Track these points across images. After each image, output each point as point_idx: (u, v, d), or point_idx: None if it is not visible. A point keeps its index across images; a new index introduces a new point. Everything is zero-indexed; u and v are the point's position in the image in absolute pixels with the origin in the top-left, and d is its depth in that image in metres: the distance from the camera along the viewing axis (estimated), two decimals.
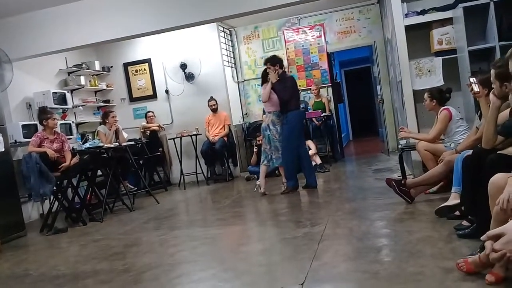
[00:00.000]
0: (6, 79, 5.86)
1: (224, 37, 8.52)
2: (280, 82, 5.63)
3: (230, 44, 8.79)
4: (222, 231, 4.47)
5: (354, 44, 8.58)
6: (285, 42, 8.68)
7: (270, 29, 8.77)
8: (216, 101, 7.97)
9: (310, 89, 8.42)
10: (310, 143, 7.45)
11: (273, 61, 5.76)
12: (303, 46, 8.62)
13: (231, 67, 8.68)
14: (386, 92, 8.36)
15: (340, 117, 9.93)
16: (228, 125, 8.00)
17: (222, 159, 7.93)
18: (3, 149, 5.22)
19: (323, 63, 8.57)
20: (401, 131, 4.85)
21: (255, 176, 7.41)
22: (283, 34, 8.68)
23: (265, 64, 5.79)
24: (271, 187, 6.22)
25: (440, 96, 4.54)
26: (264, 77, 5.81)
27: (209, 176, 7.99)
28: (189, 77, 8.31)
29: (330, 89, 8.66)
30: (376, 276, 2.55)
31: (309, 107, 8.17)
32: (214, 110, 7.98)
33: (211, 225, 4.75)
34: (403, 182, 4.24)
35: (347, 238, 3.49)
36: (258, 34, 8.83)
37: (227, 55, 8.50)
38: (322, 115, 7.87)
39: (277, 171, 6.62)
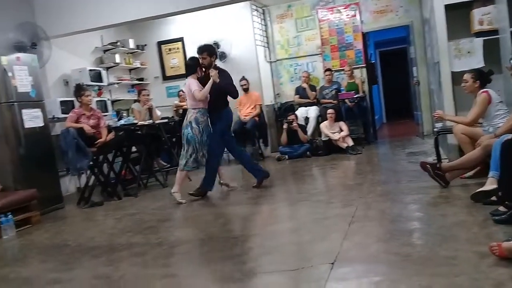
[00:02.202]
0: (44, 56, 6.00)
1: (257, 16, 8.44)
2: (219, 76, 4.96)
3: (263, 23, 8.70)
4: (252, 209, 4.51)
5: (390, 23, 8.34)
6: (319, 22, 8.52)
7: (304, 8, 8.63)
8: (247, 81, 7.95)
9: (343, 69, 8.28)
10: (342, 124, 7.37)
11: (211, 50, 5.11)
12: (337, 25, 8.45)
13: (264, 46, 8.61)
14: (422, 73, 8.13)
15: (374, 99, 9.74)
16: (260, 105, 7.98)
17: (253, 139, 7.94)
18: (43, 124, 5.40)
19: (358, 43, 8.39)
20: (437, 114, 4.72)
21: (286, 156, 7.42)
22: (317, 13, 8.53)
23: (199, 53, 5.03)
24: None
25: (482, 77, 4.37)
26: (192, 67, 5.10)
27: None
28: (221, 56, 8.30)
29: (364, 70, 8.49)
30: (408, 258, 2.53)
31: (341, 88, 8.05)
32: (246, 90, 7.97)
33: (242, 203, 4.80)
34: (438, 165, 4.15)
35: (379, 220, 3.47)
36: (291, 13, 8.70)
37: (259, 35, 8.44)
38: (355, 96, 7.75)
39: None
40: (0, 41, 5.61)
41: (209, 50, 5.06)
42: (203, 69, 5.07)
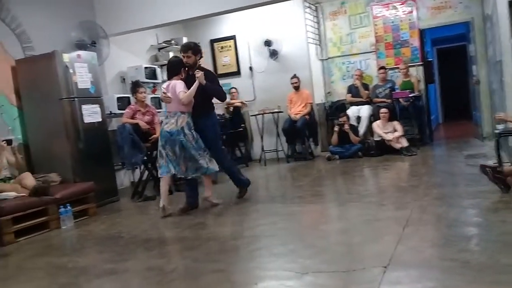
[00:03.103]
0: (103, 54, 6.24)
1: (310, 13, 8.36)
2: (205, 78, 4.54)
3: (315, 21, 8.61)
4: (302, 208, 4.48)
5: (449, 20, 8.00)
6: (373, 18, 8.32)
7: (358, 5, 8.45)
8: (298, 79, 7.90)
9: (398, 67, 8.04)
10: (396, 124, 7.17)
11: (196, 49, 4.65)
12: (392, 22, 8.21)
13: (316, 44, 8.52)
14: (482, 72, 7.74)
15: (430, 98, 9.40)
16: (310, 103, 7.91)
17: (303, 138, 7.89)
18: (100, 119, 5.62)
19: (414, 41, 8.11)
20: (499, 116, 4.48)
21: (337, 156, 7.31)
22: (372, 9, 8.33)
23: (183, 51, 4.61)
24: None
25: None
26: (175, 68, 4.62)
27: (289, 154, 8.00)
28: (273, 54, 8.30)
29: (420, 69, 8.20)
30: (465, 265, 2.42)
31: (396, 87, 7.82)
32: (296, 88, 7.92)
33: (291, 202, 4.77)
34: (499, 169, 3.94)
35: (435, 224, 3.34)
36: (345, 10, 8.54)
37: (312, 32, 8.35)
38: (410, 95, 7.50)
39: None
40: (63, 39, 5.88)
41: (194, 49, 4.63)
42: (187, 70, 4.65)
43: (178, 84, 4.48)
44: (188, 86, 4.47)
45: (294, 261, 2.82)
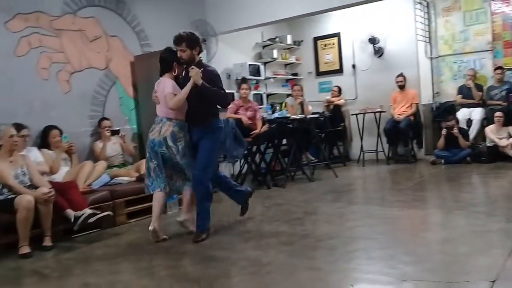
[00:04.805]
0: (211, 51, 6.56)
1: (420, 9, 7.97)
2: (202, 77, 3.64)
3: (426, 17, 8.18)
4: (402, 213, 4.31)
5: None
6: (491, 15, 7.68)
7: (474, 0, 7.83)
8: (404, 78, 7.60)
9: None
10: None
11: (192, 41, 3.70)
12: None
13: (425, 41, 8.10)
14: None
15: None
16: (416, 103, 7.56)
17: (406, 139, 7.57)
18: None
19: None
20: None
21: (442, 160, 6.91)
22: (489, 5, 7.69)
23: (176, 43, 3.70)
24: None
25: None
26: (167, 62, 3.81)
27: (390, 155, 7.73)
28: (378, 51, 8.07)
29: None
30: None
31: None
32: (401, 87, 7.62)
33: (390, 205, 4.62)
34: None
35: None
36: (459, 6, 7.99)
37: (421, 29, 7.96)
38: None
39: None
40: None
41: (190, 41, 3.68)
42: (185, 67, 3.81)
43: (167, 84, 3.70)
44: (183, 87, 3.66)
45: (393, 267, 2.74)
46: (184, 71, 3.82)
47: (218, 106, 3.94)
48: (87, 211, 3.97)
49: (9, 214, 3.58)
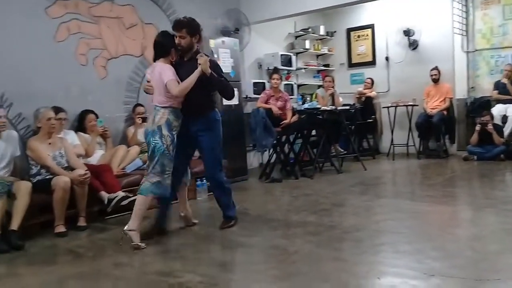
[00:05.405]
0: (244, 41, 6.57)
1: (458, 2, 7.75)
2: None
3: (464, 10, 7.96)
4: (431, 208, 4.28)
5: None
6: None
7: None
8: (439, 71, 7.44)
9: None
10: None
11: (193, 27, 3.48)
12: None
13: (462, 35, 7.89)
14: None
15: None
16: (450, 98, 7.41)
17: (438, 134, 7.43)
18: (237, 102, 5.97)
19: None
20: None
21: (475, 157, 6.77)
22: None
23: (176, 29, 3.47)
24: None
25: None
26: (164, 46, 3.49)
27: (421, 150, 7.61)
28: (413, 44, 7.92)
29: None
30: None
31: None
32: (435, 81, 7.48)
33: (420, 200, 4.58)
34: None
35: None
36: None
37: (458, 22, 7.75)
38: None
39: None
40: (210, 25, 6.32)
41: (191, 27, 3.46)
42: (180, 55, 3.56)
43: (165, 70, 3.40)
44: (179, 75, 3.44)
45: (421, 262, 2.74)
46: (179, 59, 3.56)
47: (224, 99, 3.67)
48: (120, 193, 4.10)
49: (46, 194, 3.74)
